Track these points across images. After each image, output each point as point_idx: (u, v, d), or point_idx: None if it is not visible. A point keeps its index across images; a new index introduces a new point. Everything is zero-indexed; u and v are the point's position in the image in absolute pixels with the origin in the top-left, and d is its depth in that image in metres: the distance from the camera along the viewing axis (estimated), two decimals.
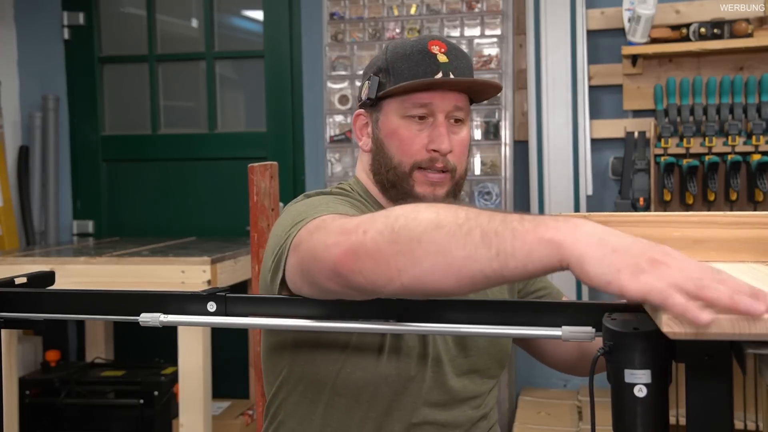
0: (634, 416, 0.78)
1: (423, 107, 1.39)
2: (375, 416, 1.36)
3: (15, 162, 4.05)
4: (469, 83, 1.41)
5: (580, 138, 3.47)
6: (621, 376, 0.78)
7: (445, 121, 1.40)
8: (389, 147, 1.42)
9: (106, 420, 3.37)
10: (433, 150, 1.39)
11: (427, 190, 1.40)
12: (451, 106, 1.40)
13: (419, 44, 1.41)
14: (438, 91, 1.39)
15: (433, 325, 1.02)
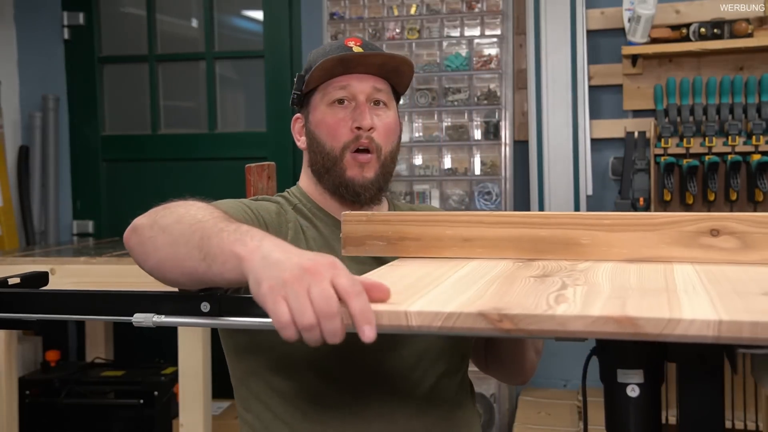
0: (626, 416, 0.78)
1: (343, 89, 1.47)
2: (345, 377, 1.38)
3: (15, 162, 4.05)
4: (379, 58, 1.47)
5: (580, 138, 3.47)
6: (614, 376, 0.78)
7: (366, 103, 1.48)
8: (320, 136, 1.49)
9: (106, 420, 3.37)
10: (356, 128, 1.46)
11: (356, 172, 1.46)
12: (370, 87, 1.48)
13: (337, 42, 1.52)
14: (354, 74, 1.47)
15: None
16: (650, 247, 0.98)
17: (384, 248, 1.14)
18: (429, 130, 3.55)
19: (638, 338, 0.69)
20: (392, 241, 1.13)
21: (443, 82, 3.51)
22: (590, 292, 0.81)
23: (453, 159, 3.54)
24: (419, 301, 0.82)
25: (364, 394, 1.37)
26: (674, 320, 0.68)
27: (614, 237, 1.00)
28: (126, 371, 3.49)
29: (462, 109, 3.50)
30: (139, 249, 1.16)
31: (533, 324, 0.73)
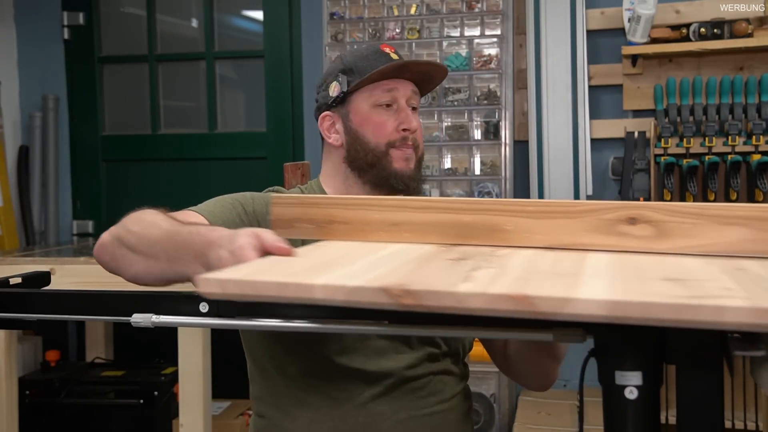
0: (625, 418, 0.77)
1: (389, 93, 1.61)
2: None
3: (15, 162, 4.05)
4: (426, 66, 1.63)
5: (580, 138, 3.46)
6: (612, 377, 0.78)
7: (407, 107, 1.62)
8: (365, 133, 1.61)
9: (106, 420, 3.37)
10: (404, 129, 1.60)
11: (403, 165, 1.60)
12: (410, 92, 1.63)
13: (373, 47, 1.65)
14: (399, 80, 1.62)
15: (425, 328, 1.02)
16: (570, 234, 0.99)
17: (312, 231, 1.15)
18: (429, 130, 3.54)
19: (534, 317, 0.70)
20: (321, 225, 1.14)
21: (443, 82, 3.50)
22: (499, 274, 0.82)
23: (453, 159, 3.54)
24: (328, 275, 0.83)
25: (337, 378, 1.50)
26: (567, 299, 0.69)
27: (537, 224, 1.01)
28: (126, 371, 3.49)
29: (462, 109, 3.50)
30: (113, 264, 1.33)
31: (433, 300, 0.73)
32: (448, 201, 1.07)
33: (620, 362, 0.78)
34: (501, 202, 1.04)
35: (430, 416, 1.53)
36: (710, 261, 0.92)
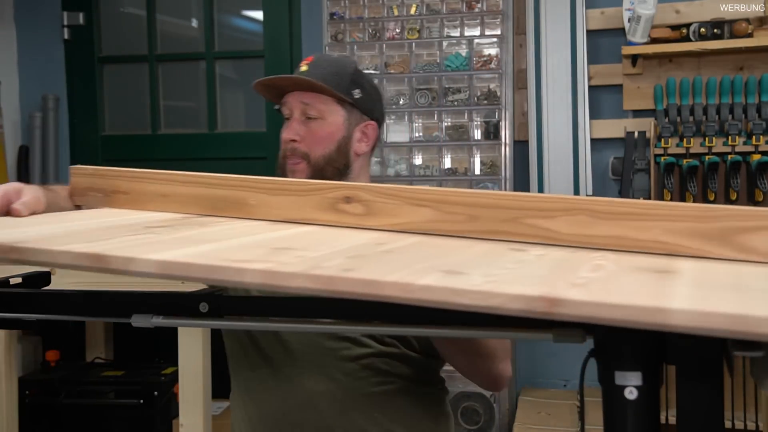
0: (624, 419, 0.77)
1: (285, 107, 1.69)
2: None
3: (15, 162, 4.05)
4: (287, 81, 1.69)
5: (580, 138, 3.47)
6: (611, 377, 0.78)
7: (300, 117, 1.67)
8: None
9: (106, 420, 3.37)
10: (284, 140, 1.68)
11: (289, 177, 1.66)
12: (299, 103, 1.67)
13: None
14: (289, 93, 1.69)
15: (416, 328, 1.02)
16: (300, 209, 1.09)
17: (101, 200, 1.26)
18: (429, 130, 3.55)
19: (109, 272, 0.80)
20: (107, 194, 1.26)
21: (443, 82, 3.51)
22: (181, 239, 0.92)
23: (453, 159, 3.54)
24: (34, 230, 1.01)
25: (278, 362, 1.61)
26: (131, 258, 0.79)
27: (274, 199, 1.11)
28: (126, 371, 3.49)
29: (462, 109, 3.50)
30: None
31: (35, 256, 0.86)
32: (205, 177, 1.16)
33: (620, 362, 0.78)
34: (245, 179, 1.13)
35: (369, 396, 1.57)
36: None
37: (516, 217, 0.96)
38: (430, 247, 0.92)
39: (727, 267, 0.82)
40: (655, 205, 0.91)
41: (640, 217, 0.91)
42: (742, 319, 0.58)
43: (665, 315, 0.60)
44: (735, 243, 0.87)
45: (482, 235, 0.97)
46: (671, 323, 0.60)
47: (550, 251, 0.90)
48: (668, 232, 0.89)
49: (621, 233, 0.91)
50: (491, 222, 0.97)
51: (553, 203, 0.95)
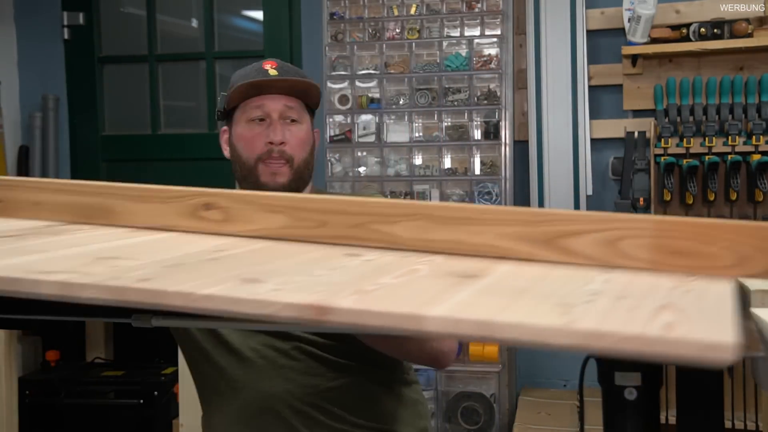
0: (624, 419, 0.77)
1: (258, 109, 1.67)
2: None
3: (15, 162, 4.05)
4: (287, 83, 1.68)
5: (580, 138, 3.47)
6: (611, 378, 0.78)
7: (280, 120, 1.68)
8: (239, 148, 1.70)
9: (106, 420, 3.37)
10: (269, 143, 1.66)
11: (269, 179, 1.66)
12: (281, 106, 1.68)
13: (257, 64, 1.72)
14: (269, 95, 1.68)
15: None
16: (162, 216, 1.11)
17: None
18: (429, 130, 3.55)
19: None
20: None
21: (443, 82, 3.51)
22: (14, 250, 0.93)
23: (453, 159, 3.54)
24: None
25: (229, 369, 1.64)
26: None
27: (138, 207, 1.13)
28: (126, 371, 3.49)
29: (462, 109, 3.50)
30: None
31: None
32: (74, 184, 1.17)
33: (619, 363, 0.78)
34: (112, 186, 1.15)
35: (327, 391, 1.60)
36: None
37: (362, 222, 0.99)
38: (267, 253, 0.95)
39: (540, 270, 0.86)
40: (488, 210, 0.94)
41: (474, 222, 0.94)
42: (486, 325, 0.61)
43: (420, 322, 0.63)
44: (558, 246, 0.90)
45: (332, 240, 1.00)
46: (426, 330, 0.63)
47: (383, 256, 0.93)
48: (500, 236, 0.93)
49: (457, 237, 0.95)
50: (339, 227, 1.00)
51: (395, 209, 0.98)
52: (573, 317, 0.62)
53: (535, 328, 0.60)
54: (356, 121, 3.61)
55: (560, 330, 0.59)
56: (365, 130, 3.61)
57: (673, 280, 0.81)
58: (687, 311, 0.66)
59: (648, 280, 0.80)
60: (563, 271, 0.85)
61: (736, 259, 0.83)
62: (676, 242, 0.85)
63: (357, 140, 3.60)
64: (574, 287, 0.76)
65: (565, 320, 0.61)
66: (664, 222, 0.86)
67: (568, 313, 0.63)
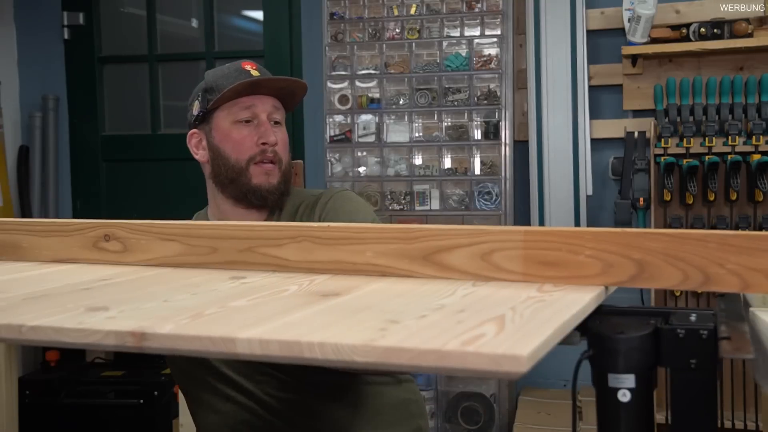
0: (617, 421, 0.77)
1: (247, 110, 1.66)
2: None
3: (15, 162, 4.05)
4: (282, 82, 1.69)
5: (580, 138, 3.46)
6: (604, 380, 0.78)
7: (267, 122, 1.68)
8: (225, 150, 1.67)
9: (106, 420, 3.38)
10: (263, 143, 1.66)
11: (263, 179, 1.66)
12: (270, 107, 1.69)
13: (234, 65, 1.71)
14: (257, 95, 1.67)
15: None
16: (68, 249, 1.13)
17: None
18: (429, 130, 3.54)
19: None
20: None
21: (443, 82, 3.51)
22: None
23: (453, 159, 3.54)
24: None
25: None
26: None
27: (44, 241, 1.14)
28: (126, 371, 3.50)
29: (462, 109, 3.50)
30: None
31: None
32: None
33: (613, 365, 0.78)
34: (18, 222, 1.18)
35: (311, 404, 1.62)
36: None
37: (250, 246, 1.01)
38: (150, 280, 0.97)
39: (408, 286, 0.88)
40: (366, 229, 0.96)
41: (353, 241, 0.96)
42: (292, 345, 0.64)
43: (231, 345, 0.66)
44: (435, 262, 0.91)
45: (223, 266, 1.02)
46: (237, 352, 0.66)
47: (267, 278, 0.95)
48: (379, 254, 0.94)
49: (339, 257, 0.96)
50: (229, 252, 1.02)
51: (280, 231, 1.00)
52: (384, 334, 0.64)
53: (336, 346, 0.62)
54: (356, 121, 3.61)
55: (361, 347, 0.62)
56: (365, 130, 3.61)
57: (534, 291, 0.83)
58: (514, 324, 0.68)
59: (508, 293, 0.82)
60: (431, 287, 0.87)
61: (601, 267, 0.85)
62: (545, 253, 0.87)
63: (357, 140, 3.60)
64: (424, 303, 0.78)
65: (370, 338, 0.63)
66: (532, 233, 0.87)
67: (385, 330, 0.65)
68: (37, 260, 1.14)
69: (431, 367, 0.60)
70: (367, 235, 0.95)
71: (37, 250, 1.14)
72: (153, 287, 0.92)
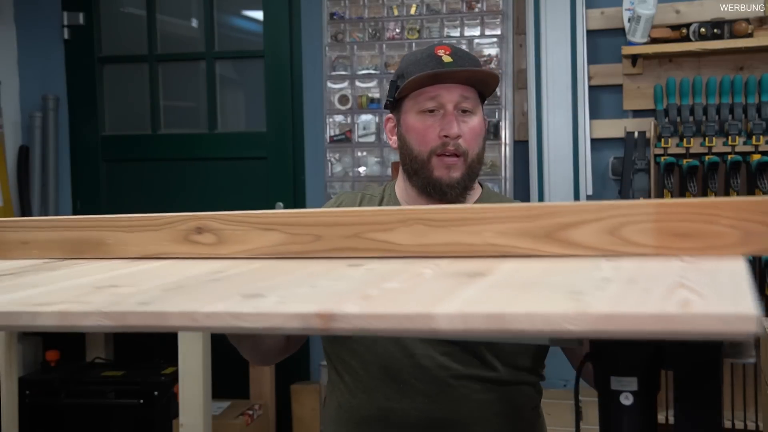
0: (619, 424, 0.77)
1: (432, 100, 1.59)
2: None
3: (15, 162, 4.05)
4: (467, 73, 1.58)
5: (580, 138, 3.46)
6: (607, 382, 0.78)
7: (454, 111, 1.59)
8: (410, 140, 1.63)
9: (106, 420, 3.37)
10: (444, 136, 1.58)
11: (444, 173, 1.60)
12: (457, 96, 1.59)
13: (428, 50, 1.62)
14: (444, 84, 1.59)
15: None
16: (156, 244, 1.10)
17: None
18: None
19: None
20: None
21: None
22: (9, 287, 0.91)
23: None
24: None
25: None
26: None
27: (130, 237, 1.12)
28: (126, 371, 3.49)
29: None
30: None
31: None
32: (62, 220, 1.17)
33: (616, 367, 0.78)
34: (101, 219, 1.14)
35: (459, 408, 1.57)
36: None
37: (357, 232, 0.98)
38: (267, 271, 0.94)
39: (545, 264, 0.85)
40: (485, 209, 0.93)
41: (471, 222, 0.93)
42: (497, 317, 0.60)
43: (430, 320, 0.62)
44: (560, 239, 0.89)
45: (329, 254, 1.00)
46: (437, 328, 0.62)
47: (386, 264, 0.93)
48: (499, 234, 0.92)
49: (455, 239, 0.94)
50: (335, 239, 0.99)
51: (390, 215, 0.97)
52: (586, 302, 0.61)
53: (547, 315, 0.59)
54: (356, 121, 3.61)
55: (574, 315, 0.58)
56: (365, 130, 3.61)
57: (682, 262, 0.80)
58: (702, 289, 0.64)
59: (657, 264, 0.79)
60: (569, 263, 0.84)
61: (741, 236, 0.81)
62: (678, 224, 0.84)
63: (357, 140, 3.60)
64: (583, 276, 0.75)
65: (577, 305, 0.60)
66: (664, 205, 0.85)
67: (580, 300, 0.62)
68: (125, 256, 1.12)
69: (653, 331, 0.56)
70: (486, 215, 0.92)
71: (123, 246, 1.12)
72: (281, 276, 0.89)
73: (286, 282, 0.84)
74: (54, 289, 0.88)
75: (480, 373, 1.55)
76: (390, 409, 1.56)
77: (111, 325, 0.71)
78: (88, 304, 0.75)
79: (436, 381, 1.54)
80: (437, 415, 1.54)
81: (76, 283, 0.91)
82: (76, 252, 1.15)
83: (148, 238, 1.11)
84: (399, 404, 1.55)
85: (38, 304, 0.76)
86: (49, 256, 1.16)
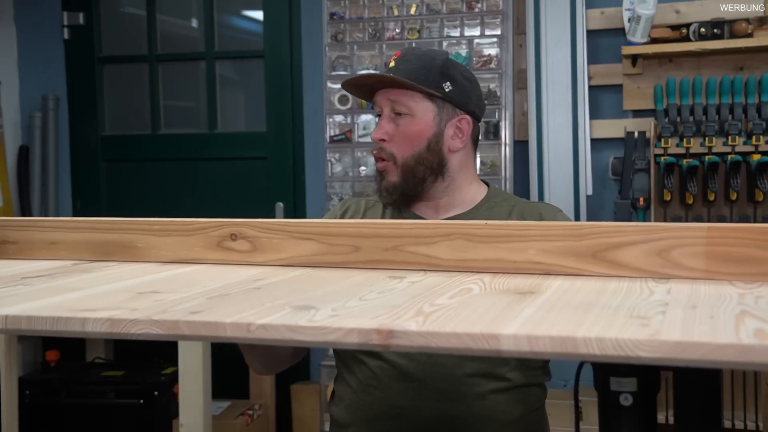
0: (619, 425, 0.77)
1: (376, 105, 1.64)
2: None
3: (15, 162, 4.05)
4: (372, 78, 1.63)
5: (580, 138, 3.46)
6: (607, 383, 0.78)
7: (389, 114, 1.61)
8: None
9: (106, 420, 3.37)
10: (374, 140, 1.63)
11: (380, 178, 1.64)
12: (386, 100, 1.62)
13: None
14: (378, 90, 1.63)
15: None
16: (187, 249, 1.10)
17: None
18: None
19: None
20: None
21: None
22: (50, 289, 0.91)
23: None
24: None
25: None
26: None
27: (162, 241, 1.11)
28: (126, 371, 3.49)
29: None
30: None
31: None
32: (92, 221, 1.16)
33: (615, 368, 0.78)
34: (132, 221, 1.14)
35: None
36: None
37: (397, 245, 0.98)
38: (307, 280, 0.93)
39: (593, 284, 0.84)
40: (530, 226, 0.92)
41: (515, 239, 0.93)
42: (566, 341, 0.60)
43: (495, 341, 0.61)
44: (606, 259, 0.88)
45: (366, 265, 0.99)
46: (502, 348, 0.61)
47: (428, 277, 0.92)
48: (543, 252, 0.91)
49: (498, 256, 0.93)
50: (373, 251, 0.99)
51: (431, 229, 0.97)
52: (654, 329, 0.60)
53: (618, 341, 0.58)
54: (356, 121, 3.61)
55: (646, 342, 0.57)
56: (365, 130, 3.61)
57: (734, 287, 0.78)
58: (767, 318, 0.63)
59: (709, 289, 0.78)
60: (618, 284, 0.83)
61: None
62: (730, 249, 0.82)
63: (357, 140, 3.60)
64: (638, 299, 0.73)
65: (648, 332, 0.59)
66: (716, 229, 0.84)
67: (648, 325, 0.61)
68: (156, 260, 1.11)
69: (730, 362, 0.56)
70: (531, 232, 0.92)
71: (154, 250, 1.11)
72: (324, 287, 0.88)
73: (332, 293, 0.83)
74: (94, 293, 0.88)
75: (494, 372, 1.56)
76: (403, 406, 1.55)
77: (161, 334, 0.71)
78: (134, 311, 0.74)
79: (450, 380, 1.54)
80: (450, 414, 1.54)
81: (116, 288, 0.91)
82: (104, 254, 1.14)
83: (179, 243, 1.10)
84: (412, 402, 1.55)
85: (84, 310, 0.75)
86: (77, 257, 1.16)
